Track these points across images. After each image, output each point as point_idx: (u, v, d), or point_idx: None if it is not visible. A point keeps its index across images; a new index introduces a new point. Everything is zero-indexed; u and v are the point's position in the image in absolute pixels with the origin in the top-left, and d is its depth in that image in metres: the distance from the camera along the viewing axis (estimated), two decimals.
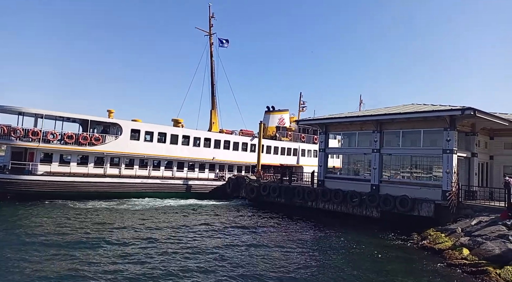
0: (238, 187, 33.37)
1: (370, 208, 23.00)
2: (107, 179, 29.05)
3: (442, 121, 21.60)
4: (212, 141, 36.03)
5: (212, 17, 42.29)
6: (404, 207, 21.18)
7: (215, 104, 42.03)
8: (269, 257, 14.12)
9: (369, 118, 25.11)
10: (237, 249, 15.17)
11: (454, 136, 21.28)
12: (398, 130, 24.33)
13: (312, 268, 13.09)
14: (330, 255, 15.27)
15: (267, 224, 21.97)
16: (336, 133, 30.58)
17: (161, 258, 13.11)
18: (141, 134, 31.37)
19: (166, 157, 32.82)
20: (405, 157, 24.20)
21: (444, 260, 14.04)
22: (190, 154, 34.22)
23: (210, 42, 42.31)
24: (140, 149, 31.14)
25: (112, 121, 30.96)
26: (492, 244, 13.72)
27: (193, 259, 13.31)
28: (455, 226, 17.69)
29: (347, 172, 28.44)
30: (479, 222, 17.27)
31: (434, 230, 18.43)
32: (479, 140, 24.13)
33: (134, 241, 15.44)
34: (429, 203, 20.48)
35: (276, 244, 16.55)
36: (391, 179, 24.45)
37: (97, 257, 12.70)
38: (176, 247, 14.85)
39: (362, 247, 16.53)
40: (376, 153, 25.00)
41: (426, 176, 23.18)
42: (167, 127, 33.80)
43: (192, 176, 34.21)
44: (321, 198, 25.69)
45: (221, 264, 12.90)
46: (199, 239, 16.71)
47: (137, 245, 14.82)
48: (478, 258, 13.34)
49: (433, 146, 22.59)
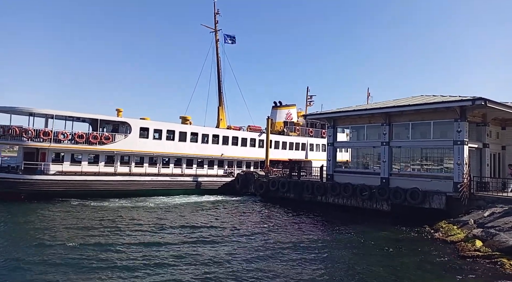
0: (247, 182, 33.46)
1: (380, 201, 22.88)
2: (118, 177, 29.38)
3: (452, 112, 21.31)
4: (220, 137, 36.12)
5: (217, 13, 42.23)
6: (415, 200, 21.02)
7: (222, 101, 42.09)
8: (280, 251, 14.17)
9: (377, 111, 24.90)
10: (248, 244, 15.26)
11: (465, 127, 21.00)
12: (408, 122, 24.08)
13: (323, 262, 13.10)
14: (341, 249, 15.26)
15: (276, 219, 22.02)
16: (344, 127, 30.39)
17: (180, 253, 13.26)
18: (150, 132, 31.61)
19: (175, 154, 33.03)
20: (415, 149, 23.96)
21: (457, 252, 13.93)
22: (199, 151, 34.38)
23: (216, 39, 42.28)
24: (149, 146, 31.40)
25: (121, 120, 31.25)
26: (506, 235, 13.57)
27: (210, 252, 13.44)
28: (467, 218, 17.52)
29: (356, 166, 28.29)
30: (492, 213, 17.06)
31: (446, 222, 18.29)
32: (490, 130, 23.76)
33: (151, 240, 15.57)
34: (441, 195, 20.29)
35: (287, 238, 16.59)
36: (401, 172, 24.26)
37: (116, 257, 12.81)
38: (191, 243, 15.00)
39: (373, 241, 16.48)
40: (385, 146, 24.81)
41: (437, 168, 22.95)
42: (176, 124, 33.99)
43: (201, 172, 34.39)
44: (330, 192, 25.63)
45: (233, 257, 13.00)
46: (213, 234, 16.85)
47: (154, 244, 14.91)
48: (491, 250, 13.21)
49: (443, 137, 22.31)
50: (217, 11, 42.21)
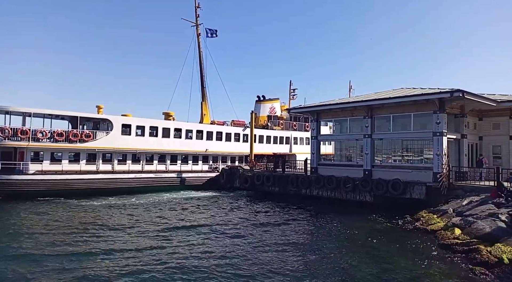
0: (232, 177, 33.48)
1: (363, 193, 23.32)
2: (100, 175, 28.89)
3: (431, 105, 21.82)
4: (204, 133, 35.95)
5: (198, 7, 41.75)
6: (396, 191, 21.51)
7: (205, 96, 41.84)
8: (264, 246, 14.26)
9: (359, 104, 25.24)
10: (233, 239, 15.28)
11: (443, 118, 21.55)
12: (389, 115, 24.53)
13: (308, 254, 13.28)
14: (325, 240, 15.50)
15: (261, 213, 22.14)
16: (327, 120, 30.72)
17: (163, 252, 13.17)
18: (132, 129, 31.15)
19: (158, 151, 32.69)
20: (396, 141, 24.47)
21: (437, 241, 14.35)
22: (183, 147, 34.14)
23: (197, 33, 41.85)
24: (132, 143, 30.95)
25: (102, 117, 30.65)
26: (483, 223, 14.06)
27: (196, 247, 13.41)
28: (446, 207, 18.05)
29: (340, 158, 28.69)
30: (470, 202, 17.65)
31: (426, 211, 18.79)
32: (468, 121, 24.47)
33: (134, 239, 15.44)
34: (421, 185, 20.83)
35: (272, 231, 16.73)
36: (383, 163, 24.76)
37: (95, 260, 12.65)
38: (174, 241, 14.92)
39: (356, 232, 16.81)
40: (367, 138, 25.23)
41: (417, 159, 23.52)
42: (159, 121, 33.60)
43: (185, 168, 34.19)
44: (314, 185, 25.94)
45: (217, 252, 13.02)
46: (198, 229, 16.81)
47: (137, 243, 14.81)
48: (469, 237, 13.66)
49: (423, 129, 22.85)
50: (198, 4, 41.74)
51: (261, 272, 11.17)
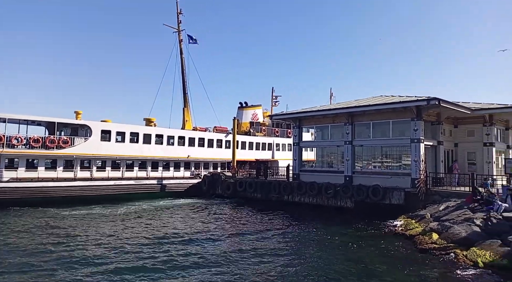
0: (214, 184, 33.27)
1: (344, 198, 23.62)
2: (78, 183, 28.12)
3: (409, 112, 22.43)
4: (186, 139, 35.65)
5: (180, 13, 41.62)
6: (376, 196, 21.90)
7: (187, 102, 41.57)
8: (247, 251, 14.20)
9: (340, 111, 25.67)
10: (215, 246, 15.13)
11: (421, 126, 22.18)
12: (369, 122, 25.05)
13: (290, 259, 13.30)
14: (307, 246, 15.58)
15: (243, 220, 22.05)
16: (309, 127, 31.09)
17: (139, 258, 12.90)
18: (112, 135, 30.55)
19: (139, 157, 32.15)
20: (376, 147, 24.98)
21: (416, 245, 14.66)
22: (164, 153, 33.71)
23: (179, 39, 41.69)
24: (112, 150, 30.32)
25: (81, 123, 29.94)
26: (459, 228, 14.48)
27: (170, 256, 13.19)
28: (424, 212, 18.49)
29: (322, 165, 29.01)
30: (446, 207, 18.15)
31: (405, 216, 19.19)
32: (444, 129, 25.27)
33: (109, 250, 15.05)
34: (400, 191, 21.29)
35: (253, 238, 16.66)
36: (364, 170, 25.19)
37: (65, 273, 12.23)
38: (152, 252, 14.64)
39: (337, 238, 16.97)
40: (348, 145, 25.64)
41: (396, 165, 24.06)
42: (139, 127, 33.11)
43: (167, 175, 33.73)
44: (296, 191, 26.09)
45: (197, 260, 12.86)
46: (180, 237, 16.54)
47: (116, 252, 14.45)
48: (446, 242, 14.04)
49: (401, 136, 23.44)
50: (180, 10, 41.61)
51: (241, 278, 11.10)
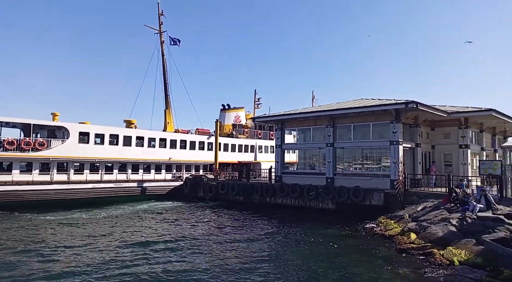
0: (196, 186, 32.99)
1: (326, 200, 23.86)
2: (55, 186, 27.29)
3: (388, 115, 22.93)
4: (168, 141, 35.26)
5: (162, 14, 41.27)
6: (357, 197, 22.23)
7: (169, 104, 41.18)
8: (227, 257, 14.11)
9: (322, 114, 25.98)
10: (196, 249, 14.95)
11: (399, 128, 22.70)
12: (350, 124, 25.45)
13: (272, 262, 13.30)
14: (290, 248, 15.64)
15: (224, 222, 21.94)
16: (291, 129, 31.30)
17: (118, 265, 12.60)
18: (91, 137, 29.87)
19: (119, 160, 31.53)
20: (357, 149, 25.39)
21: (395, 245, 14.94)
22: (145, 155, 33.20)
23: (161, 41, 41.30)
24: (90, 152, 29.63)
25: (58, 125, 29.15)
26: (436, 228, 14.87)
27: (150, 263, 12.96)
28: (403, 213, 18.89)
29: (304, 167, 29.25)
30: (424, 207, 18.60)
31: (385, 217, 19.53)
32: (421, 131, 25.95)
33: (86, 256, 14.64)
34: (379, 192, 21.70)
35: (236, 241, 16.59)
36: (345, 171, 25.54)
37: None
38: (131, 258, 14.34)
39: (319, 239, 17.10)
40: (330, 147, 25.96)
41: (376, 166, 24.53)
42: (119, 129, 32.51)
43: (148, 177, 33.23)
44: (279, 193, 26.18)
45: (178, 267, 12.68)
46: (160, 241, 16.27)
47: (89, 261, 14.04)
48: (424, 241, 14.38)
49: (381, 138, 23.92)
50: (162, 12, 41.23)
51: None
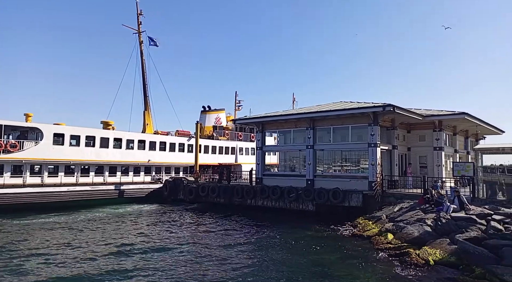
0: (176, 189, 32.53)
1: (306, 202, 24.03)
2: (27, 189, 26.29)
3: (366, 118, 23.39)
4: (147, 143, 34.67)
5: (141, 14, 40.64)
6: (336, 199, 22.52)
7: (148, 105, 40.53)
8: (210, 256, 13.99)
9: (302, 116, 26.21)
10: (174, 256, 14.65)
11: (377, 131, 23.19)
12: (329, 126, 25.78)
13: (253, 264, 13.27)
14: (270, 250, 15.64)
15: (204, 225, 21.75)
16: (272, 131, 31.40)
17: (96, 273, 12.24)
18: (66, 139, 28.98)
19: (95, 162, 30.72)
20: (336, 151, 25.75)
21: (372, 246, 15.23)
22: (123, 157, 32.50)
23: (140, 41, 40.65)
24: (65, 154, 28.74)
25: (31, 126, 28.10)
26: (412, 228, 15.24)
27: (127, 269, 12.66)
28: (380, 214, 19.29)
29: (284, 169, 29.39)
30: (400, 208, 19.05)
31: (363, 218, 19.90)
32: (398, 134, 26.60)
33: (58, 264, 14.14)
34: (358, 194, 22.06)
35: (216, 243, 16.47)
36: (324, 173, 25.83)
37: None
38: (105, 265, 13.97)
39: (299, 241, 17.20)
40: (310, 149, 26.20)
41: (354, 168, 24.94)
42: (96, 130, 31.71)
43: (126, 180, 32.52)
44: (259, 195, 26.17)
45: (156, 273, 12.46)
46: (137, 246, 15.93)
47: (62, 269, 13.56)
48: (400, 241, 14.71)
49: (360, 140, 24.36)
50: (140, 11, 40.59)
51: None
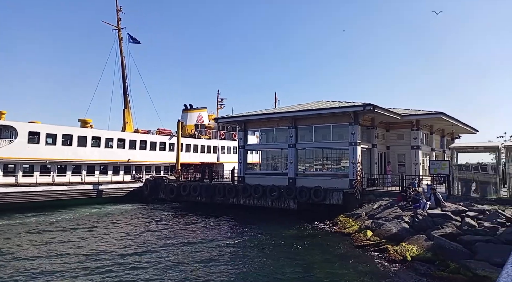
0: (157, 188, 32.07)
1: (287, 200, 24.17)
2: (1, 189, 25.32)
3: (347, 117, 23.73)
4: (127, 141, 34.03)
5: (120, 10, 39.80)
6: (317, 197, 22.75)
7: (128, 103, 39.78)
8: (189, 260, 13.84)
9: (285, 115, 26.34)
10: (154, 258, 14.38)
11: (357, 130, 23.57)
12: (311, 125, 26.02)
13: (235, 263, 13.24)
14: (252, 249, 15.65)
15: (186, 225, 21.54)
16: (254, 130, 31.43)
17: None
18: (42, 137, 28.07)
19: (73, 161, 29.92)
20: (318, 150, 26.01)
21: (353, 243, 15.48)
22: (102, 156, 31.78)
23: (119, 38, 39.82)
24: (41, 153, 27.85)
25: (4, 124, 27.06)
26: (390, 225, 15.57)
27: (104, 273, 12.39)
28: (360, 211, 19.63)
29: (266, 167, 29.46)
30: (379, 206, 19.44)
31: (343, 216, 20.20)
32: (378, 133, 27.13)
33: (33, 268, 13.71)
34: (339, 192, 22.36)
35: (198, 243, 16.34)
36: (306, 172, 26.06)
37: None
38: (78, 270, 13.63)
39: (281, 239, 17.28)
40: (292, 148, 26.36)
41: (335, 167, 25.27)
42: (74, 128, 30.87)
43: (105, 179, 31.82)
44: (241, 194, 26.13)
45: (136, 274, 12.25)
46: (117, 248, 15.60)
47: (37, 273, 13.18)
48: (379, 238, 15.01)
49: (340, 139, 24.70)
50: (120, 8, 39.74)
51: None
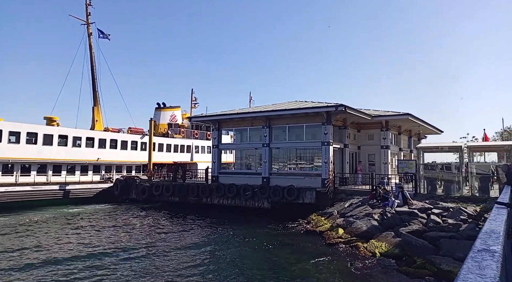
0: (128, 188, 31.24)
1: (261, 199, 24.25)
2: None
3: (320, 117, 24.12)
4: (96, 140, 32.93)
5: (89, 4, 38.47)
6: (291, 196, 22.97)
7: (97, 101, 38.53)
8: (162, 262, 13.59)
9: (259, 115, 26.41)
10: (124, 261, 13.82)
11: (330, 130, 24.02)
12: (285, 125, 26.23)
13: (208, 263, 13.13)
14: (226, 249, 15.58)
15: (159, 226, 21.13)
16: (228, 130, 31.31)
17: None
18: (4, 135, 26.64)
19: (38, 160, 28.59)
20: (291, 150, 26.27)
21: (325, 241, 15.75)
22: (69, 156, 30.58)
23: (88, 33, 38.45)
24: (3, 152, 26.42)
25: None
26: (361, 222, 15.98)
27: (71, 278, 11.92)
28: (332, 210, 20.01)
29: (240, 167, 29.41)
30: (350, 204, 19.91)
31: (316, 214, 20.52)
32: (349, 133, 27.78)
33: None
34: (312, 191, 22.68)
35: (171, 244, 16.06)
36: (280, 171, 26.25)
37: None
38: (47, 268, 13.06)
39: (255, 238, 17.31)
40: (266, 147, 26.47)
41: (309, 166, 25.63)
42: (38, 126, 29.52)
43: (72, 179, 30.62)
44: (215, 193, 25.96)
45: (106, 277, 11.87)
46: (84, 252, 15.04)
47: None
48: (350, 236, 15.37)
49: (313, 139, 25.06)
50: (89, 2, 38.39)
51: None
